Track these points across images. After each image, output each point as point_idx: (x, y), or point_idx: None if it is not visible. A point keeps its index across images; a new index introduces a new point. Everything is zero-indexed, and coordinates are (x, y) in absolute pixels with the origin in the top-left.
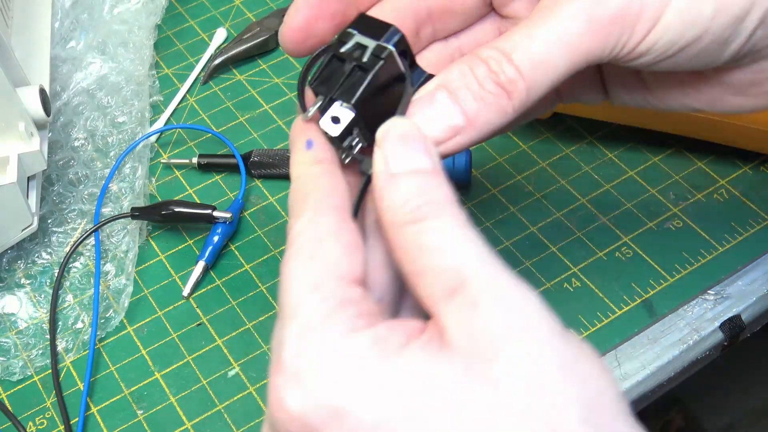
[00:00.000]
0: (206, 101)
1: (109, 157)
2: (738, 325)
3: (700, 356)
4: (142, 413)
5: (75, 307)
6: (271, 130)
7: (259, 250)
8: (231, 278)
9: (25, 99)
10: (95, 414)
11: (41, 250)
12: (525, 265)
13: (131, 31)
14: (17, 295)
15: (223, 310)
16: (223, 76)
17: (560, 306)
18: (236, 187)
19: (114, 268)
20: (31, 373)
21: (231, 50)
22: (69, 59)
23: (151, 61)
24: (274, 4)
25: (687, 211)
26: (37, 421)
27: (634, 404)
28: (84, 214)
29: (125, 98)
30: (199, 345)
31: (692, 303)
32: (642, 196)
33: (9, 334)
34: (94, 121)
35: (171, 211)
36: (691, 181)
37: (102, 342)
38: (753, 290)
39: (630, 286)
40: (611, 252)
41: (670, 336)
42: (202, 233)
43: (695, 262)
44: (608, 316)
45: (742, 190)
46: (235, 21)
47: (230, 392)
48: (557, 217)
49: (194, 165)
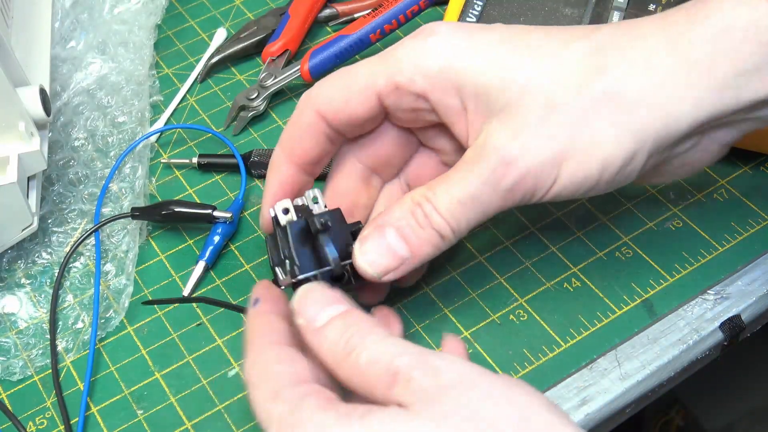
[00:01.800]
0: (206, 101)
1: (109, 157)
2: (738, 325)
3: (700, 356)
4: (142, 413)
5: (75, 307)
6: (271, 130)
7: (259, 250)
8: (231, 278)
9: (25, 99)
10: (95, 414)
11: (41, 250)
12: (525, 265)
13: (131, 31)
14: (17, 295)
15: (223, 310)
16: (222, 75)
17: (560, 306)
18: (236, 187)
19: (114, 268)
20: (31, 373)
21: (228, 49)
22: (69, 59)
23: (151, 61)
24: (274, 3)
25: (687, 211)
26: (37, 421)
27: (634, 404)
28: (84, 214)
29: (125, 98)
30: (199, 345)
31: (692, 303)
32: (642, 196)
33: (9, 334)
34: (94, 121)
35: (171, 211)
36: (691, 181)
37: (102, 342)
38: (753, 290)
39: (630, 286)
40: (611, 252)
41: (670, 336)
42: (202, 233)
43: (695, 262)
44: (608, 316)
45: (742, 190)
46: (235, 21)
47: (230, 392)
48: (557, 217)
49: (194, 165)
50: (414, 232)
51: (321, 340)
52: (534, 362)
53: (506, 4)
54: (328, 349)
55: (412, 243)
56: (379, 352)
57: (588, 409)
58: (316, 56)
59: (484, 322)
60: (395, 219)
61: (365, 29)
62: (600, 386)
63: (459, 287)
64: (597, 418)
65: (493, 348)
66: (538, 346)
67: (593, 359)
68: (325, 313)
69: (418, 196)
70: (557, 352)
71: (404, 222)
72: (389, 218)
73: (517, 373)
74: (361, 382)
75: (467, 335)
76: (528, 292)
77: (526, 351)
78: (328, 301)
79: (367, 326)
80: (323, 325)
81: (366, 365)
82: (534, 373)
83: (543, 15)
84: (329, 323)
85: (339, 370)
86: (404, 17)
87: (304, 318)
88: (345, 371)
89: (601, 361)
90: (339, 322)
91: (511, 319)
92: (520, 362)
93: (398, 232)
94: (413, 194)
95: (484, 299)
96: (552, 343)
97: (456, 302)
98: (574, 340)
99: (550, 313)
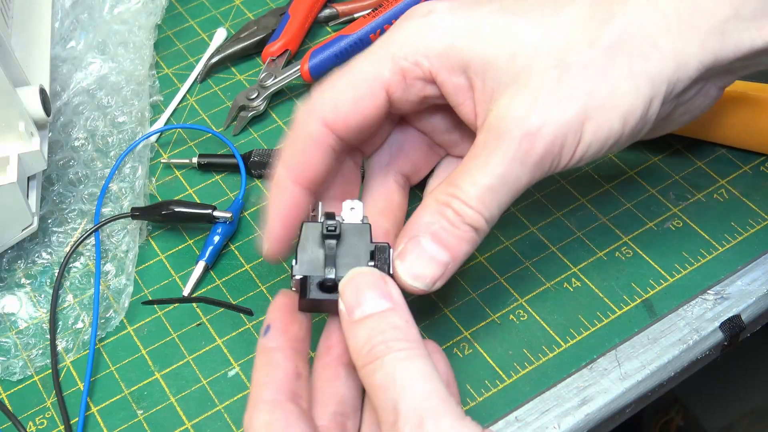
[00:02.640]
0: (206, 101)
1: (109, 157)
2: (738, 325)
3: (700, 356)
4: (142, 413)
5: (75, 307)
6: (271, 130)
7: (259, 250)
8: (231, 278)
9: (25, 99)
10: (95, 414)
11: (41, 250)
12: (525, 264)
13: (131, 31)
14: (17, 295)
15: (223, 310)
16: (222, 75)
17: (560, 306)
18: (236, 187)
19: (114, 268)
20: (31, 373)
21: (228, 49)
22: (69, 59)
23: (151, 61)
24: (274, 3)
25: (687, 211)
26: (37, 421)
27: (634, 404)
28: (84, 214)
29: (125, 98)
30: (199, 345)
31: (692, 303)
32: (642, 196)
33: (9, 334)
34: (94, 121)
35: (171, 211)
36: (691, 181)
37: (102, 342)
38: (753, 290)
39: (630, 286)
40: (611, 252)
41: (670, 336)
42: (202, 233)
43: (695, 262)
44: (608, 316)
45: (742, 190)
46: (235, 21)
47: (230, 392)
48: (557, 217)
49: (194, 165)
50: (449, 234)
51: (350, 335)
52: (534, 362)
53: None
54: (354, 347)
55: (450, 245)
56: (391, 378)
57: (588, 409)
58: (316, 56)
59: (484, 322)
60: (426, 225)
61: (365, 29)
62: (600, 386)
63: (459, 287)
64: (597, 418)
65: (493, 348)
66: (538, 346)
67: (593, 359)
68: (365, 305)
69: (443, 196)
70: (557, 352)
71: (437, 226)
72: (419, 226)
73: (517, 373)
74: (374, 399)
75: (467, 335)
76: (528, 292)
77: (526, 351)
78: (375, 293)
79: (397, 335)
80: (357, 320)
81: (378, 386)
82: (534, 373)
83: None
84: (363, 321)
85: (360, 371)
86: None
87: (345, 304)
88: (364, 376)
89: (601, 361)
90: (372, 322)
91: (511, 319)
92: (520, 362)
93: (434, 238)
94: (436, 195)
95: (484, 299)
96: (552, 343)
97: (456, 302)
98: (574, 340)
99: (550, 313)
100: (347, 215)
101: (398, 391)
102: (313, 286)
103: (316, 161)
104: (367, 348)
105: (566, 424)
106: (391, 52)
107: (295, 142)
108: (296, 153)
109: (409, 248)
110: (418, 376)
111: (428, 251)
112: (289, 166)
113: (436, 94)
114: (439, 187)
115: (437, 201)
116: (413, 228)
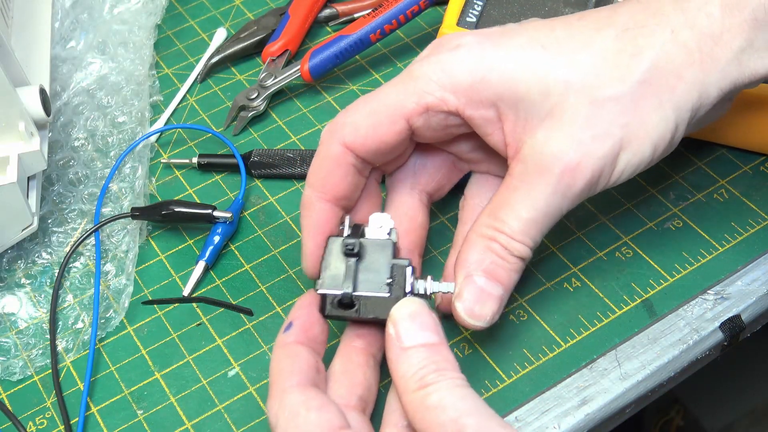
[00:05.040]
0: (206, 101)
1: (109, 157)
2: (738, 325)
3: (700, 356)
4: (142, 413)
5: (75, 307)
6: (271, 130)
7: (259, 250)
8: (231, 278)
9: (25, 99)
10: (95, 414)
11: (41, 250)
12: None
13: (131, 31)
14: (17, 295)
15: (223, 310)
16: (222, 75)
17: (560, 306)
18: (236, 187)
19: (114, 268)
20: (31, 373)
21: (228, 49)
22: (69, 59)
23: (151, 61)
24: (274, 3)
25: (687, 211)
26: (37, 421)
27: (634, 404)
28: (84, 214)
29: (125, 98)
30: (199, 345)
31: (692, 303)
32: (642, 196)
33: (9, 334)
34: (94, 121)
35: (171, 211)
36: (691, 181)
37: (102, 342)
38: (753, 290)
39: (630, 286)
40: (611, 252)
41: (670, 336)
42: (202, 233)
43: (695, 262)
44: (608, 316)
45: (742, 190)
46: (235, 21)
47: (230, 392)
48: None
49: (194, 165)
50: (500, 268)
51: (401, 360)
52: (534, 362)
53: (506, 4)
54: (404, 372)
55: (502, 278)
56: (450, 400)
57: (588, 409)
58: (316, 56)
59: None
60: (477, 263)
61: (365, 29)
62: (600, 386)
63: None
64: (597, 418)
65: (494, 348)
66: (538, 346)
67: (593, 359)
68: (417, 335)
69: (488, 230)
70: (557, 352)
71: (487, 262)
72: (470, 264)
73: (517, 373)
74: (422, 420)
75: (467, 335)
76: (528, 292)
77: (526, 351)
78: (426, 326)
79: (448, 367)
80: (410, 347)
81: (433, 407)
82: (534, 373)
83: (543, 15)
84: (415, 348)
85: (405, 396)
86: (404, 17)
87: (396, 331)
88: (410, 402)
89: (601, 361)
90: (425, 351)
91: (511, 319)
92: (520, 362)
93: (487, 275)
94: (479, 230)
95: None
96: (552, 343)
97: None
98: (574, 340)
99: (550, 313)
100: (374, 230)
101: (461, 410)
102: (332, 303)
103: (338, 179)
104: (420, 374)
105: (566, 424)
106: (418, 87)
107: (319, 162)
108: (320, 172)
109: (465, 289)
110: (477, 400)
111: (484, 288)
112: (314, 184)
113: (458, 123)
114: (481, 219)
115: (483, 236)
116: (464, 267)
